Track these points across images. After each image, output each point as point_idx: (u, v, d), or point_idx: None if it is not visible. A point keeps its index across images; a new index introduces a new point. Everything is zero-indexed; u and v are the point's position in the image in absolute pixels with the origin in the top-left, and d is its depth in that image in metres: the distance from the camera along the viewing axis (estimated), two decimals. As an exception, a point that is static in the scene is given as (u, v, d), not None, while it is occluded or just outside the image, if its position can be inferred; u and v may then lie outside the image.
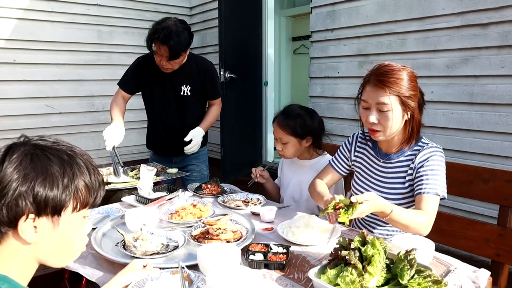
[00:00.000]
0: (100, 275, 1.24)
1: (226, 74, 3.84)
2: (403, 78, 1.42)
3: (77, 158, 0.83)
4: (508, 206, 1.65)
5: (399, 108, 1.42)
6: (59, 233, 0.82)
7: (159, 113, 2.43)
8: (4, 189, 0.75)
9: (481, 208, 2.56)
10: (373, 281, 1.03)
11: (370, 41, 3.20)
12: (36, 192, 0.76)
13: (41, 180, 0.77)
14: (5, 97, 4.12)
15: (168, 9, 5.16)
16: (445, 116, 2.78)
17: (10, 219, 0.76)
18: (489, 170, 1.77)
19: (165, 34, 2.06)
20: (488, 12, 2.52)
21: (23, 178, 0.76)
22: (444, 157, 1.52)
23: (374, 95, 1.43)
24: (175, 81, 2.32)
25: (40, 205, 0.77)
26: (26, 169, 0.77)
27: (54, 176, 0.78)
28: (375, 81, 1.42)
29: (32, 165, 0.77)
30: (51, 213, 0.79)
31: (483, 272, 1.21)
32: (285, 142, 1.91)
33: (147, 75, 2.34)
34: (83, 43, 4.46)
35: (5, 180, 0.75)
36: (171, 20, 2.13)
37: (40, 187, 0.77)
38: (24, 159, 0.77)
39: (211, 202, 1.77)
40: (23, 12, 4.12)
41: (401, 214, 1.34)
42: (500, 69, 2.48)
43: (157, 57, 2.18)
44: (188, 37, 2.17)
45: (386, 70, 1.43)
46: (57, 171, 0.79)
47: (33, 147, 0.80)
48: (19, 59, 4.15)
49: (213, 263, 1.13)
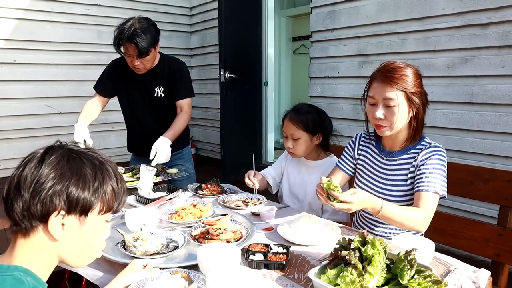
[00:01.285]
0: (100, 276, 1.24)
1: (226, 74, 3.85)
2: (409, 75, 1.47)
3: (107, 165, 0.91)
4: (508, 206, 1.64)
5: (405, 104, 1.46)
6: (83, 233, 0.87)
7: (136, 115, 2.44)
8: (41, 186, 0.81)
9: (481, 208, 2.56)
10: (373, 281, 1.03)
11: (370, 41, 3.20)
12: (70, 191, 0.82)
13: (75, 181, 0.83)
14: (5, 97, 4.13)
15: (168, 9, 5.16)
16: (445, 116, 2.78)
17: (42, 214, 0.81)
18: (489, 170, 1.77)
19: (129, 32, 2.07)
20: (488, 12, 2.52)
21: (59, 177, 0.82)
22: (446, 157, 1.53)
23: (381, 90, 1.47)
24: (148, 83, 2.32)
25: (71, 204, 0.83)
26: (63, 169, 0.83)
27: (87, 178, 0.85)
28: (382, 77, 1.47)
29: (68, 166, 0.84)
30: (80, 212, 0.85)
31: (483, 272, 1.21)
32: (297, 138, 1.88)
33: (121, 77, 2.35)
34: (83, 43, 4.47)
35: (43, 177, 0.81)
36: (135, 19, 2.14)
37: (74, 186, 0.83)
38: (61, 160, 0.84)
39: (211, 202, 1.77)
40: (23, 12, 4.13)
41: (394, 210, 1.37)
42: (500, 69, 2.49)
43: (128, 58, 2.18)
44: (155, 32, 2.17)
45: (392, 67, 1.49)
46: (90, 174, 0.85)
47: (69, 150, 0.87)
48: (19, 59, 4.15)
49: (213, 263, 1.13)
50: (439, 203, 1.46)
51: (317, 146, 1.95)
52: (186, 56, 5.47)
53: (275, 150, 4.67)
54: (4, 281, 0.76)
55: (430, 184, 1.44)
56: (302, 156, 1.97)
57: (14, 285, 0.76)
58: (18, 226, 0.82)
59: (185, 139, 2.52)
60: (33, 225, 0.82)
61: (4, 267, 0.80)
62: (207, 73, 5.23)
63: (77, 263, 0.92)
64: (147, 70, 2.26)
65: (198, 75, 5.42)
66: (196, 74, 5.46)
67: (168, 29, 5.17)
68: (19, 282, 0.77)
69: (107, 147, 4.64)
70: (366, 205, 1.36)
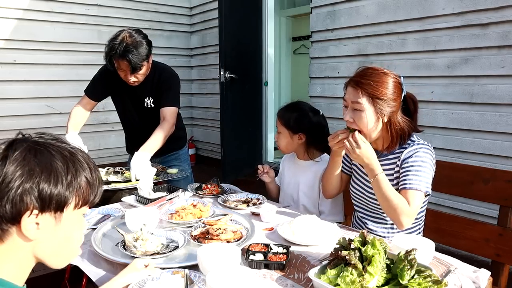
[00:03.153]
0: (100, 275, 1.24)
1: (226, 74, 3.85)
2: (380, 82, 1.48)
3: (78, 155, 0.83)
4: (508, 206, 1.65)
5: (371, 109, 1.48)
6: (60, 230, 0.82)
7: (130, 121, 2.45)
8: (8, 185, 0.74)
9: (481, 208, 2.56)
10: (373, 281, 1.03)
11: (370, 41, 3.20)
12: (41, 188, 0.76)
13: (46, 176, 0.77)
14: (5, 97, 4.13)
15: (168, 9, 5.16)
16: (445, 116, 2.78)
17: (13, 215, 0.76)
18: (490, 170, 1.77)
19: (121, 49, 2.03)
20: (488, 12, 2.52)
21: (28, 174, 0.75)
22: (432, 154, 1.52)
23: (351, 94, 1.51)
24: (139, 93, 2.30)
25: (44, 201, 0.77)
26: (30, 165, 0.76)
27: (58, 172, 0.78)
28: (353, 82, 1.51)
29: (36, 160, 0.77)
30: (54, 209, 0.79)
31: (483, 272, 1.21)
32: (279, 132, 1.96)
33: (114, 85, 2.32)
34: (83, 43, 4.47)
35: (9, 176, 0.75)
36: (126, 32, 2.09)
37: (45, 183, 0.77)
38: (27, 154, 0.77)
39: (211, 202, 1.77)
40: (23, 12, 4.13)
41: (388, 184, 1.45)
42: (500, 69, 2.49)
43: (121, 72, 2.15)
44: (147, 45, 2.13)
45: (365, 72, 1.52)
46: (61, 167, 0.79)
47: (35, 143, 0.80)
48: (19, 59, 4.15)
49: (213, 263, 1.13)
50: (439, 203, 1.46)
51: (309, 147, 1.95)
52: (186, 56, 5.47)
53: (275, 150, 4.67)
54: None
55: (412, 181, 1.45)
56: (286, 152, 2.02)
57: None
58: None
59: (181, 140, 2.52)
60: (4, 228, 0.76)
61: None
62: (207, 73, 5.23)
63: (56, 263, 0.86)
64: (140, 82, 2.23)
65: (198, 75, 5.42)
66: (196, 74, 5.46)
67: (168, 29, 5.17)
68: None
69: (107, 147, 4.65)
70: (370, 160, 1.46)
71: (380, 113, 1.48)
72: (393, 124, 1.50)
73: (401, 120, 1.51)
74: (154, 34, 4.97)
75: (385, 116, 1.48)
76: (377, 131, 1.52)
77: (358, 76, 1.51)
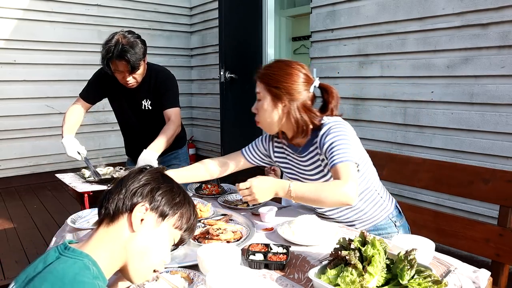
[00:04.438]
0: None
1: (226, 74, 3.85)
2: (278, 72, 1.49)
3: (190, 198, 1.07)
4: (508, 206, 1.65)
5: (269, 99, 1.49)
6: (155, 235, 0.97)
7: (128, 124, 2.46)
8: (138, 182, 0.97)
9: (481, 208, 2.56)
10: (373, 281, 1.03)
11: (370, 41, 3.20)
12: (157, 191, 0.98)
13: (164, 187, 1.00)
14: (6, 97, 4.13)
15: (168, 9, 5.16)
16: (445, 116, 2.78)
17: (131, 204, 0.95)
18: (489, 170, 1.77)
19: (118, 50, 2.04)
20: (488, 12, 2.52)
21: (153, 180, 0.99)
22: (344, 125, 1.46)
23: (256, 87, 1.55)
24: (136, 96, 2.31)
25: (155, 202, 0.97)
26: (157, 177, 1.01)
27: (174, 191, 1.01)
28: (257, 74, 1.54)
29: (162, 179, 1.02)
30: (159, 214, 0.97)
31: (483, 272, 1.21)
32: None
33: (110, 89, 2.32)
34: (83, 43, 4.47)
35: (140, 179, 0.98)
36: (119, 34, 2.10)
37: (161, 190, 0.99)
38: (157, 173, 1.03)
39: (211, 202, 1.77)
40: (23, 12, 4.13)
41: (306, 186, 1.35)
42: (500, 69, 2.49)
43: (118, 75, 2.15)
44: (142, 44, 2.14)
45: (269, 64, 1.55)
46: (176, 191, 1.02)
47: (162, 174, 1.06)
48: (19, 59, 4.15)
49: (213, 263, 1.13)
50: (439, 203, 1.46)
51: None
52: (186, 56, 5.47)
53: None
54: (75, 263, 0.85)
55: (336, 157, 1.37)
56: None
57: (82, 269, 0.84)
58: (108, 213, 0.94)
59: (180, 140, 2.52)
60: (122, 211, 0.94)
61: (77, 252, 0.89)
62: (207, 73, 5.23)
63: (134, 274, 0.98)
64: (138, 83, 2.23)
65: (198, 75, 5.43)
66: (196, 74, 5.46)
67: (168, 29, 5.18)
68: (86, 268, 0.85)
69: (107, 147, 4.65)
70: (273, 188, 1.35)
71: (276, 103, 1.48)
72: (291, 115, 1.48)
73: (302, 111, 1.47)
74: (154, 34, 4.98)
75: (282, 106, 1.47)
76: (275, 121, 1.50)
77: (263, 68, 1.54)
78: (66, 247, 0.90)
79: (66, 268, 0.84)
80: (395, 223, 1.59)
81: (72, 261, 0.86)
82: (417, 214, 1.97)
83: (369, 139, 3.25)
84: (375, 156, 2.21)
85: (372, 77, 3.21)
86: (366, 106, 3.27)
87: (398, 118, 3.06)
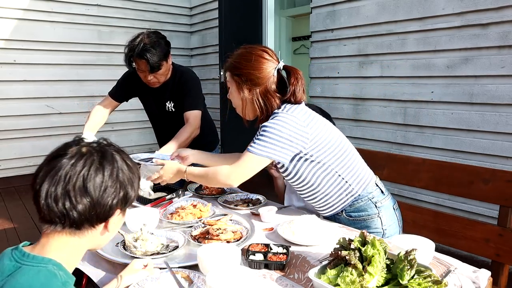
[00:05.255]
0: (101, 276, 1.24)
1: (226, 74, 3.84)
2: (239, 58, 1.53)
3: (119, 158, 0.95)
4: (508, 206, 1.65)
5: (234, 86, 1.55)
6: (120, 221, 0.96)
7: (154, 123, 2.50)
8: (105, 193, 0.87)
9: (481, 208, 2.56)
10: (373, 281, 1.03)
11: (370, 41, 3.20)
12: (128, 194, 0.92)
13: (130, 184, 0.92)
14: (5, 97, 4.13)
15: (168, 9, 5.16)
16: (445, 116, 2.78)
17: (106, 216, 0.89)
18: (489, 170, 1.77)
19: (139, 48, 2.06)
20: (488, 12, 2.52)
21: (121, 186, 0.90)
22: (287, 120, 1.44)
23: None
24: (160, 97, 2.32)
25: (125, 205, 0.93)
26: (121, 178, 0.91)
27: (133, 179, 0.94)
28: (225, 62, 1.59)
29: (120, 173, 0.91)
30: (126, 207, 0.95)
31: (483, 272, 1.21)
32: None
33: (137, 89, 2.35)
34: (83, 43, 4.47)
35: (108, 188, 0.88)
36: (143, 34, 2.13)
37: (130, 190, 0.93)
38: (111, 174, 0.89)
39: (211, 202, 1.77)
40: (23, 12, 4.13)
41: (197, 171, 1.57)
42: (500, 69, 2.49)
43: (140, 73, 2.17)
44: (165, 45, 2.16)
45: (234, 51, 1.57)
46: (120, 169, 0.91)
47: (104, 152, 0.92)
48: (19, 59, 4.15)
49: (213, 263, 1.13)
50: (439, 203, 1.46)
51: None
52: (186, 56, 5.47)
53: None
54: (38, 272, 0.78)
55: (251, 145, 1.46)
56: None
57: (48, 278, 0.78)
58: (69, 223, 0.85)
59: (210, 145, 2.50)
60: (95, 226, 0.88)
61: (39, 258, 0.81)
62: (207, 73, 5.23)
63: (103, 245, 0.98)
64: (161, 83, 2.24)
65: (198, 75, 5.40)
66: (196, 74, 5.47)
67: (168, 29, 5.17)
68: (52, 275, 0.79)
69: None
70: (176, 173, 1.62)
71: (239, 90, 1.52)
72: (254, 101, 1.51)
73: (263, 96, 1.50)
74: (154, 34, 4.98)
75: (247, 92, 1.51)
76: (242, 108, 1.56)
77: (229, 56, 1.57)
78: (23, 253, 0.82)
79: (30, 279, 0.76)
80: (375, 203, 1.56)
81: (35, 270, 0.79)
82: (417, 214, 1.97)
83: (369, 139, 3.25)
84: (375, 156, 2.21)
85: (372, 77, 3.21)
86: (366, 106, 3.27)
87: (398, 118, 3.06)
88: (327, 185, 1.54)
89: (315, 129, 1.49)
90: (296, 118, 1.46)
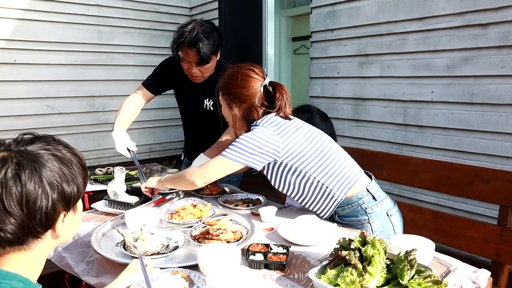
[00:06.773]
0: (100, 276, 1.24)
1: (226, 74, 3.85)
2: (227, 77, 1.64)
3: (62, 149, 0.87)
4: (508, 206, 1.65)
5: (225, 104, 1.65)
6: (77, 215, 0.90)
7: (187, 119, 2.31)
8: (36, 202, 0.77)
9: (481, 208, 2.56)
10: (373, 281, 1.03)
11: (370, 41, 3.20)
12: (66, 192, 0.82)
13: (65, 181, 0.81)
14: (5, 98, 4.12)
15: (168, 9, 5.16)
16: (445, 116, 2.78)
17: (49, 224, 0.81)
18: (489, 170, 1.77)
19: (191, 36, 1.88)
20: (488, 12, 2.52)
21: (51, 187, 0.79)
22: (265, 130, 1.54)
23: None
24: (199, 93, 2.14)
25: (69, 203, 0.84)
26: (48, 178, 0.79)
27: (72, 172, 0.83)
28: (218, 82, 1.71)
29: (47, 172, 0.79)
30: (74, 203, 0.86)
31: (483, 272, 1.21)
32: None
33: (176, 78, 2.16)
34: (83, 43, 4.46)
35: (33, 196, 0.77)
36: (197, 22, 1.95)
37: (68, 186, 0.82)
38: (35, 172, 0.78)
39: (211, 202, 1.77)
40: (23, 12, 4.12)
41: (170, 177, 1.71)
42: (500, 69, 2.48)
43: (185, 64, 1.99)
44: (218, 38, 1.98)
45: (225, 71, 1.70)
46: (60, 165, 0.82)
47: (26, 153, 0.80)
48: (19, 59, 4.15)
49: (213, 263, 1.13)
50: (439, 203, 1.46)
51: None
52: (186, 56, 5.47)
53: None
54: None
55: (225, 149, 1.55)
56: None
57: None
58: (14, 245, 0.78)
59: None
60: (41, 236, 0.81)
61: (3, 273, 0.77)
62: (207, 73, 5.23)
63: (69, 239, 0.97)
64: (204, 79, 2.06)
65: (198, 75, 5.43)
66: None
67: (168, 29, 5.17)
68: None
69: (107, 147, 4.64)
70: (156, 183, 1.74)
71: (230, 108, 1.61)
72: (243, 117, 1.61)
73: (251, 111, 1.60)
74: (154, 34, 4.97)
75: (237, 110, 1.59)
76: (234, 122, 1.64)
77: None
78: None
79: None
80: (365, 209, 1.57)
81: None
82: (417, 214, 1.97)
83: (369, 139, 3.24)
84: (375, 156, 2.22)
85: (372, 77, 3.21)
86: (366, 106, 3.27)
87: (398, 118, 3.06)
88: (310, 191, 1.59)
89: (286, 138, 1.55)
90: (267, 128, 1.55)
